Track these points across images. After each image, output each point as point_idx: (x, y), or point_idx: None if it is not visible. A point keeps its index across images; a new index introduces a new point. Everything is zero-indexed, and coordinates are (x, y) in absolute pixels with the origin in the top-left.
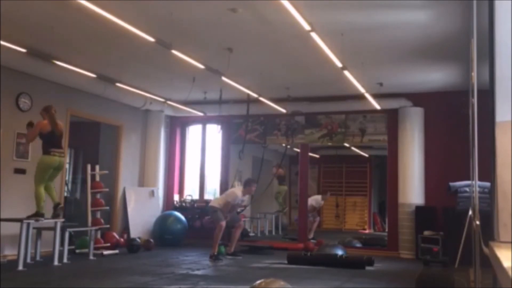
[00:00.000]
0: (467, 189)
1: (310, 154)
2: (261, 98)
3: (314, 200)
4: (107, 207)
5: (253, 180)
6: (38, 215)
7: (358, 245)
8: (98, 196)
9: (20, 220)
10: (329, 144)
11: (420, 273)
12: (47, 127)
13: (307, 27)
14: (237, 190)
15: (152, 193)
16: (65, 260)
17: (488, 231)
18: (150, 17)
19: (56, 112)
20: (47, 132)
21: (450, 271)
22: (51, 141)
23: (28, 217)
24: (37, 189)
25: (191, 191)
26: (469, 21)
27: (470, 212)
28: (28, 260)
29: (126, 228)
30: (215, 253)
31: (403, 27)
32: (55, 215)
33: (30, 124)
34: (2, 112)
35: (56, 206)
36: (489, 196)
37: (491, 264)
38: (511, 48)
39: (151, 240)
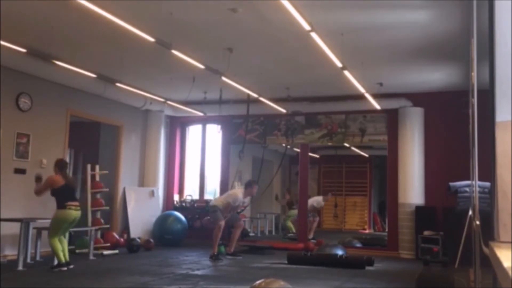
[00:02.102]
0: (467, 189)
1: (310, 154)
2: (261, 98)
3: (315, 201)
4: (107, 207)
5: (254, 181)
6: (60, 265)
7: (358, 245)
8: (98, 196)
9: (20, 220)
10: (329, 144)
11: (420, 273)
12: (59, 181)
13: (307, 27)
14: (238, 191)
15: (152, 193)
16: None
17: (488, 231)
18: (150, 17)
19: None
20: (60, 186)
21: (450, 271)
22: (65, 195)
23: (52, 268)
24: (51, 242)
25: (191, 191)
26: (469, 21)
27: (470, 212)
28: (28, 260)
29: (126, 228)
30: (215, 253)
31: (403, 27)
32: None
33: (38, 179)
34: (2, 112)
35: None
36: (489, 196)
37: (491, 264)
38: (511, 48)
39: (151, 240)
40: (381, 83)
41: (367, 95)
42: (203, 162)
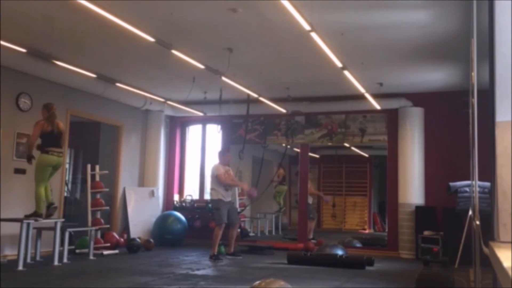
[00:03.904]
0: (467, 189)
1: (310, 154)
2: (261, 98)
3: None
4: (107, 207)
5: (225, 149)
6: (36, 215)
7: (358, 245)
8: (98, 196)
9: (20, 220)
10: (329, 144)
11: (420, 273)
12: (46, 126)
13: (307, 27)
14: (215, 165)
15: (152, 193)
16: (65, 260)
17: (488, 231)
18: (150, 17)
19: (56, 111)
20: (46, 131)
21: (450, 271)
22: (49, 140)
23: (27, 217)
24: (37, 189)
25: (191, 191)
26: (469, 21)
27: (470, 212)
28: (28, 260)
29: (126, 228)
30: (215, 253)
31: (403, 27)
32: (48, 215)
33: (29, 157)
34: (2, 112)
35: (49, 206)
36: (489, 196)
37: (491, 264)
38: (511, 48)
39: (151, 240)
40: (381, 83)
41: (367, 95)
42: (203, 162)
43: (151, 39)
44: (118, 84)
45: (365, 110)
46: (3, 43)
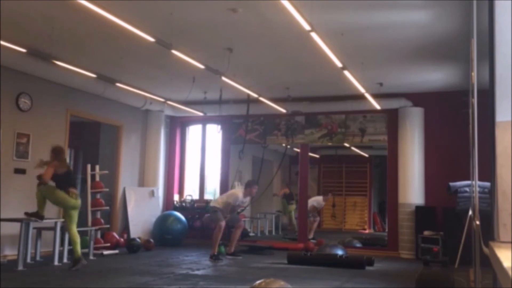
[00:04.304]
0: (467, 189)
1: (310, 154)
2: (261, 98)
3: (316, 201)
4: (107, 207)
5: (254, 181)
6: (38, 216)
7: (358, 245)
8: (98, 196)
9: (20, 220)
10: (329, 144)
11: (420, 273)
12: (59, 168)
13: (307, 27)
14: (238, 191)
15: (152, 193)
16: (65, 260)
17: (488, 231)
18: (150, 17)
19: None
20: (63, 172)
21: (450, 271)
22: (67, 181)
23: (27, 214)
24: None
25: (191, 191)
26: (469, 21)
27: (470, 212)
28: (28, 260)
29: (126, 228)
30: (215, 253)
31: (403, 27)
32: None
33: (41, 163)
34: (2, 112)
35: (77, 260)
36: (489, 196)
37: (491, 264)
38: (511, 48)
39: (151, 240)
40: (381, 83)
41: (367, 95)
42: (203, 162)
43: (151, 39)
44: (118, 84)
45: (365, 110)
46: (3, 43)
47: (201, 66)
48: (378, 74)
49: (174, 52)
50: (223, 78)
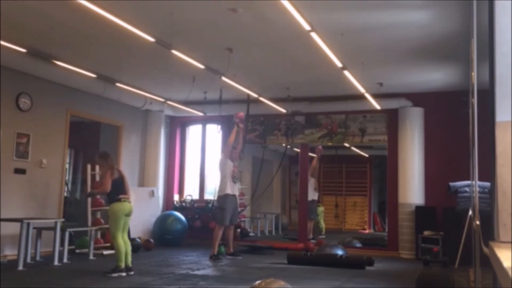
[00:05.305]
0: (467, 189)
1: (310, 154)
2: (261, 98)
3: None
4: (107, 207)
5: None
6: (118, 270)
7: (358, 245)
8: (98, 196)
9: (20, 220)
10: (329, 144)
11: (420, 273)
12: (112, 174)
13: (307, 27)
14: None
15: (152, 193)
16: (65, 260)
17: (488, 231)
18: (150, 17)
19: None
20: (116, 178)
21: (450, 271)
22: (120, 188)
23: (107, 273)
24: (116, 241)
25: (191, 191)
26: (469, 21)
27: (470, 212)
28: (28, 260)
29: None
30: (215, 253)
31: (403, 27)
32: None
33: (91, 194)
34: (2, 112)
35: (127, 269)
36: (489, 196)
37: (491, 264)
38: (511, 48)
39: (151, 240)
40: (381, 83)
41: (367, 95)
42: (203, 162)
43: (151, 39)
44: (118, 84)
45: (365, 110)
46: (3, 43)
47: (201, 66)
48: (378, 74)
49: (174, 52)
50: (223, 78)
